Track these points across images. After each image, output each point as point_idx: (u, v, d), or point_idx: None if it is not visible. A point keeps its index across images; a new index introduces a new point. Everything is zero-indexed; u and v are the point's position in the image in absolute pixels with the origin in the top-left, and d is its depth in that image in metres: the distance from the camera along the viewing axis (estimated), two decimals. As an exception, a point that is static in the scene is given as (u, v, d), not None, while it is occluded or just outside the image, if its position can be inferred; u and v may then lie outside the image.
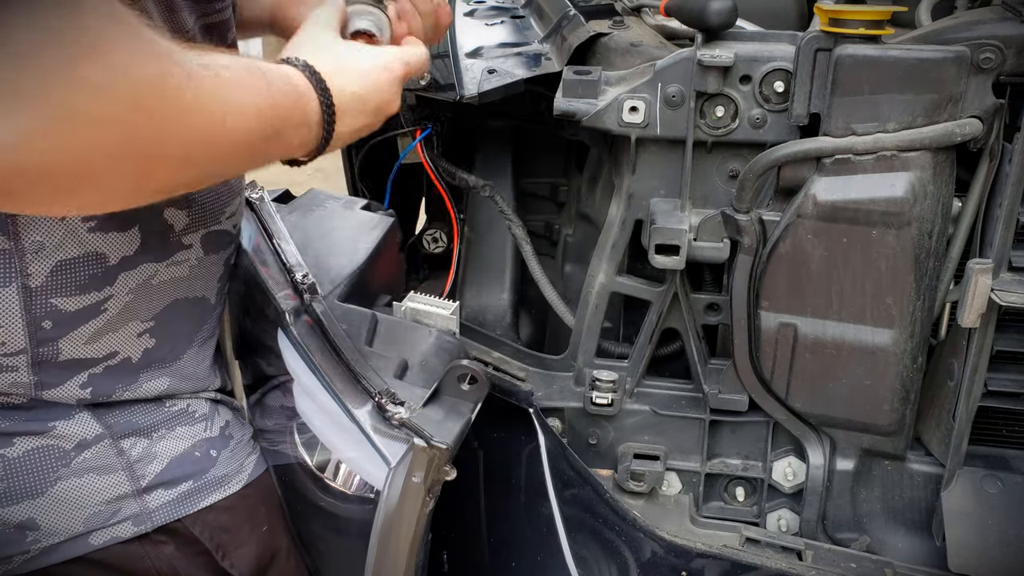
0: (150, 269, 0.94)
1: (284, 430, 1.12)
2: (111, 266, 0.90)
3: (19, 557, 0.93)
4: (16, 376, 0.89)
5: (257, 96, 0.76)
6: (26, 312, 0.86)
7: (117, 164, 0.64)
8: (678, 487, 1.33)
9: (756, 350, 1.21)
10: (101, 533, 0.95)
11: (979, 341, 1.11)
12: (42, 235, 0.85)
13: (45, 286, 0.87)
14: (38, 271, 0.86)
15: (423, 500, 0.91)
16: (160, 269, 0.95)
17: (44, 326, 0.88)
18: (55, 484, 0.92)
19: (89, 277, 0.89)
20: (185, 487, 0.99)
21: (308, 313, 1.05)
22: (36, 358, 0.89)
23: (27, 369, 0.89)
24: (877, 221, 1.10)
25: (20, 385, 0.89)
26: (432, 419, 0.94)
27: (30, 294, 0.86)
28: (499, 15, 1.63)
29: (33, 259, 0.85)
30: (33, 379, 0.89)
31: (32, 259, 0.85)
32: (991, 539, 1.16)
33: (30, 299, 0.86)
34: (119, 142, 0.63)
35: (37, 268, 0.86)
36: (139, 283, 0.93)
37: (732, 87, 1.16)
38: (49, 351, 0.89)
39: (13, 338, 0.87)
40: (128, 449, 0.95)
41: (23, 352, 0.88)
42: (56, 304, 0.88)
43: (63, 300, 0.88)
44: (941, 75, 1.05)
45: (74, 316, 0.89)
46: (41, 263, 0.86)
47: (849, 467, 1.26)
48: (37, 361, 0.89)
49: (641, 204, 1.25)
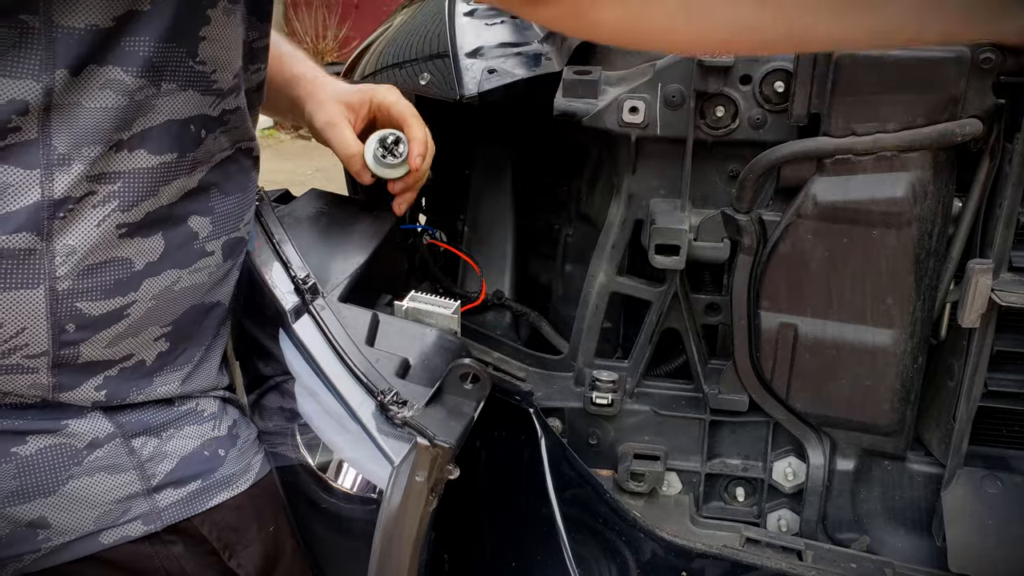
0: (173, 275, 0.94)
1: (285, 431, 1.12)
2: (136, 272, 0.90)
3: (30, 555, 0.93)
4: (36, 378, 0.89)
5: None
6: (51, 315, 0.86)
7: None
8: (678, 487, 1.33)
9: (756, 350, 1.21)
10: (111, 532, 0.95)
11: (979, 341, 1.11)
12: (75, 239, 0.85)
13: (72, 290, 0.86)
14: (66, 274, 0.86)
15: (426, 499, 0.91)
16: (183, 276, 0.95)
17: (68, 329, 0.88)
18: (67, 483, 0.92)
19: (115, 282, 0.89)
20: (194, 486, 0.99)
21: (309, 313, 1.05)
22: (56, 360, 0.89)
23: (47, 371, 0.89)
24: (877, 221, 1.11)
25: (38, 387, 0.89)
26: (435, 418, 0.94)
27: (57, 297, 0.86)
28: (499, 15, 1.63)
29: (63, 262, 0.85)
30: (52, 381, 0.89)
31: (62, 262, 0.85)
32: (991, 539, 1.16)
33: (56, 302, 0.86)
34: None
35: (66, 271, 0.85)
36: (162, 289, 0.93)
37: (732, 87, 1.16)
38: (70, 354, 0.89)
39: (37, 340, 0.87)
40: (139, 448, 0.95)
41: (45, 354, 0.88)
42: (81, 308, 0.88)
43: (88, 304, 0.88)
44: (941, 75, 1.06)
45: (97, 320, 0.89)
46: (70, 267, 0.86)
47: (849, 467, 1.26)
48: (57, 363, 0.89)
49: (641, 204, 1.25)
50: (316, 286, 1.08)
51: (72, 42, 0.79)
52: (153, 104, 0.86)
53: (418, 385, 0.99)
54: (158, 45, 0.84)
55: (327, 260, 1.16)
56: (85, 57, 0.80)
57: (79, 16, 0.79)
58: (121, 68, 0.82)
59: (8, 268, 0.83)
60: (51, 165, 0.82)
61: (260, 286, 1.09)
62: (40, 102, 0.80)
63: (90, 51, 0.80)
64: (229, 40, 0.91)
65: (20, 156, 0.81)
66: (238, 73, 0.94)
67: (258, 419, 1.14)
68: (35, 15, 0.78)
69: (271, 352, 1.11)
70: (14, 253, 0.83)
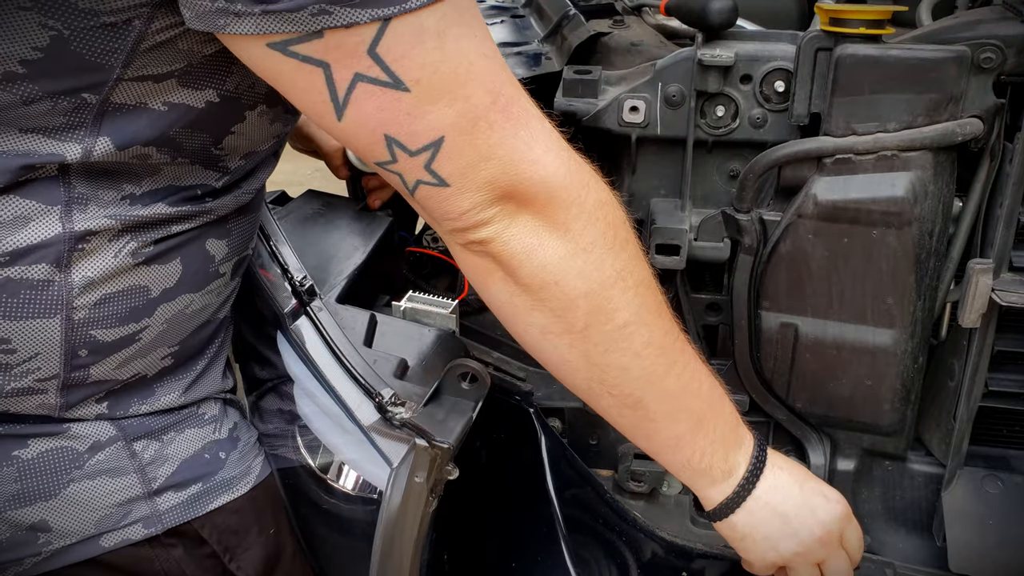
0: (187, 299, 0.94)
1: (284, 433, 1.12)
2: (152, 298, 0.91)
3: (31, 559, 0.93)
4: (44, 399, 0.89)
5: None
6: (66, 342, 0.86)
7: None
8: (678, 487, 1.33)
9: (757, 350, 1.21)
10: (112, 535, 0.95)
11: (980, 341, 1.11)
12: (93, 271, 0.85)
13: (88, 319, 0.87)
14: (83, 304, 0.86)
15: (426, 500, 0.91)
16: (195, 299, 0.95)
17: (80, 354, 0.88)
18: (68, 486, 0.92)
19: (130, 310, 0.89)
20: (195, 489, 0.98)
21: (307, 314, 1.05)
22: (66, 383, 0.89)
23: (55, 392, 0.89)
24: (878, 221, 1.10)
25: (46, 407, 0.89)
26: (434, 418, 0.94)
27: (72, 326, 0.86)
28: (499, 15, 1.63)
29: (80, 293, 0.85)
30: (59, 401, 0.89)
31: (79, 293, 0.85)
32: (992, 539, 1.16)
33: (72, 330, 0.86)
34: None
35: (83, 302, 0.86)
36: (175, 313, 0.93)
37: (732, 87, 1.16)
38: (79, 376, 0.89)
39: (49, 365, 0.87)
40: (140, 452, 0.95)
41: (55, 377, 0.88)
42: (95, 335, 0.88)
43: (102, 331, 0.88)
44: (942, 75, 1.05)
45: (110, 346, 0.89)
46: (87, 297, 0.86)
47: (850, 467, 1.26)
48: (66, 385, 0.89)
49: (641, 204, 1.25)
50: (313, 287, 1.07)
51: (119, 117, 0.80)
52: (160, 169, 0.87)
53: (417, 385, 0.99)
54: (194, 134, 0.86)
55: (324, 261, 1.16)
56: (133, 136, 0.82)
57: (135, 97, 0.80)
58: (156, 148, 0.84)
59: (26, 298, 0.83)
60: (71, 202, 0.83)
61: (257, 288, 1.09)
62: (77, 161, 0.81)
63: (138, 130, 0.82)
64: (254, 135, 0.92)
65: (41, 192, 0.82)
66: (248, 155, 0.95)
67: (257, 421, 1.14)
68: (97, 95, 0.79)
69: (269, 354, 1.11)
70: (32, 284, 0.83)
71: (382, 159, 0.77)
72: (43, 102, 0.77)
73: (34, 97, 0.77)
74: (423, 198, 0.80)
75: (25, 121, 0.78)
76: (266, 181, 1.02)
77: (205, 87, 0.83)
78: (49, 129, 0.79)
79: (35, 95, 0.77)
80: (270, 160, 1.01)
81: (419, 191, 0.79)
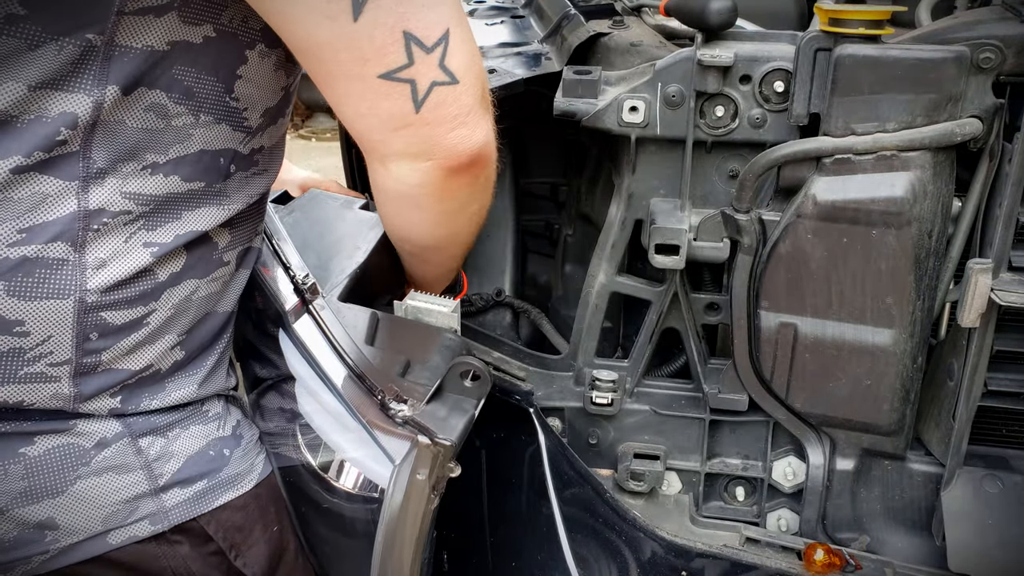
0: (192, 285, 0.95)
1: (286, 431, 1.12)
2: (159, 283, 0.91)
3: (38, 557, 0.93)
4: (57, 387, 0.89)
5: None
6: (77, 324, 0.87)
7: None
8: (678, 487, 1.33)
9: (756, 350, 1.21)
10: (119, 532, 0.95)
11: (979, 341, 1.11)
12: (105, 252, 0.86)
13: (100, 300, 0.88)
14: (95, 287, 0.87)
15: (428, 497, 0.91)
16: (201, 285, 0.96)
17: (91, 337, 0.88)
18: (75, 483, 0.92)
19: (139, 293, 0.90)
20: (200, 486, 0.99)
21: (309, 313, 1.05)
22: (79, 369, 0.89)
23: (68, 380, 0.89)
24: (877, 221, 1.11)
25: (60, 397, 0.89)
26: (436, 416, 0.94)
27: (85, 307, 0.87)
28: (499, 15, 1.63)
29: (93, 275, 0.86)
30: (73, 391, 0.90)
31: (92, 274, 0.86)
32: (991, 539, 1.16)
33: (84, 312, 0.87)
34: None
35: (95, 284, 0.87)
36: (181, 299, 0.94)
37: (732, 87, 1.16)
38: (91, 362, 0.90)
39: (61, 348, 0.87)
40: (146, 448, 0.95)
41: (68, 363, 0.88)
42: (105, 317, 0.89)
43: (113, 314, 0.89)
44: (941, 75, 1.06)
45: (119, 329, 0.90)
46: (100, 279, 0.87)
47: (849, 467, 1.26)
48: (79, 372, 0.89)
49: (641, 204, 1.25)
50: (316, 286, 1.08)
51: (127, 60, 0.81)
52: (190, 133, 0.88)
53: (418, 383, 0.99)
54: (200, 76, 0.87)
55: (327, 260, 1.16)
56: (137, 78, 0.83)
57: (139, 36, 0.81)
58: (167, 94, 0.85)
59: (41, 277, 0.84)
60: (88, 178, 0.84)
61: (260, 286, 1.09)
62: (89, 117, 0.81)
63: (142, 72, 0.83)
64: (262, 81, 0.93)
65: (61, 168, 0.82)
66: (266, 112, 0.96)
67: (259, 420, 1.14)
68: (101, 34, 0.79)
69: (269, 353, 1.11)
70: (48, 263, 0.84)
71: (396, 64, 0.79)
72: (49, 45, 0.78)
73: (39, 40, 0.77)
74: (435, 105, 0.82)
75: (33, 72, 0.79)
76: (275, 173, 1.04)
77: (203, 22, 0.84)
78: (58, 81, 0.79)
79: (39, 37, 0.77)
80: (280, 147, 1.03)
81: (433, 95, 0.81)
